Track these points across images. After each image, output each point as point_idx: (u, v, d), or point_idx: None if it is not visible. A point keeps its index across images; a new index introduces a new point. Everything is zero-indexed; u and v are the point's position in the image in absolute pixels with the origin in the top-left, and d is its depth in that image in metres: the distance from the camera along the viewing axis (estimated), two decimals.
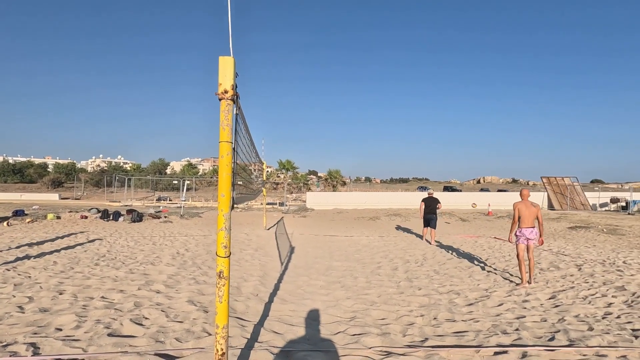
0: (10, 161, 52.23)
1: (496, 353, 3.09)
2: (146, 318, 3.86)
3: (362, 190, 46.32)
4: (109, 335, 3.33)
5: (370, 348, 3.11)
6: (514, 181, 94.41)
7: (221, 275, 2.14)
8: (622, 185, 54.11)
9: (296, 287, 5.33)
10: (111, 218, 14.39)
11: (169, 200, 27.16)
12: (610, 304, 4.62)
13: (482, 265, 7.18)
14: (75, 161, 67.15)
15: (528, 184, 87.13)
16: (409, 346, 3.22)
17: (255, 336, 3.31)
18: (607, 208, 25.77)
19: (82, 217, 14.47)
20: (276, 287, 5.25)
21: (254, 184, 7.33)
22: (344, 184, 38.81)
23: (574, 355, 3.06)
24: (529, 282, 5.54)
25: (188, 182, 20.07)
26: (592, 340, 3.38)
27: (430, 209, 10.09)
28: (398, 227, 14.98)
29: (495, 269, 6.78)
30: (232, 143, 2.18)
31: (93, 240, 9.57)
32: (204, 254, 7.91)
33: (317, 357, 2.92)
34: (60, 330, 3.51)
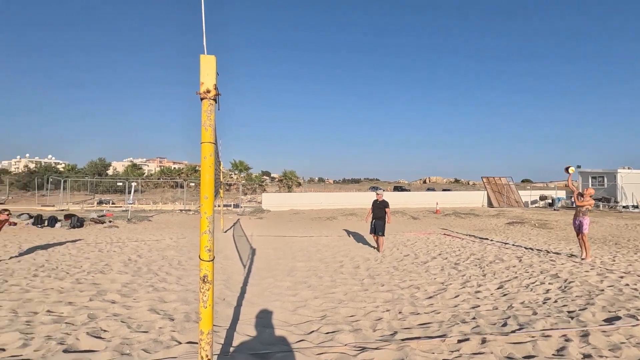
0: None
1: (459, 341, 3.33)
2: (105, 330, 3.59)
3: (317, 190, 46.73)
4: (65, 351, 3.06)
5: (345, 345, 3.20)
6: (457, 181, 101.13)
7: (205, 280, 2.09)
8: (547, 184, 60.50)
9: (262, 289, 5.27)
10: (46, 224, 13.04)
11: (112, 204, 25.24)
12: (548, 290, 5.18)
13: (436, 260, 7.64)
14: None
15: (469, 183, 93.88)
16: (381, 340, 3.35)
17: (229, 341, 3.24)
18: (537, 205, 28.65)
19: (10, 223, 12.93)
20: (242, 290, 5.16)
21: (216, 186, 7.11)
22: (299, 184, 38.88)
23: (524, 338, 3.39)
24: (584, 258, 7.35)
25: (135, 184, 18.82)
26: (537, 323, 3.78)
27: (376, 213, 8.76)
28: (355, 226, 15.38)
29: (447, 263, 7.25)
30: (214, 144, 2.13)
31: (30, 250, 8.64)
32: (159, 260, 7.50)
33: (295, 357, 2.93)
34: (4, 350, 3.15)
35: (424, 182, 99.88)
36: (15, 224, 13.02)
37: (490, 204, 27.74)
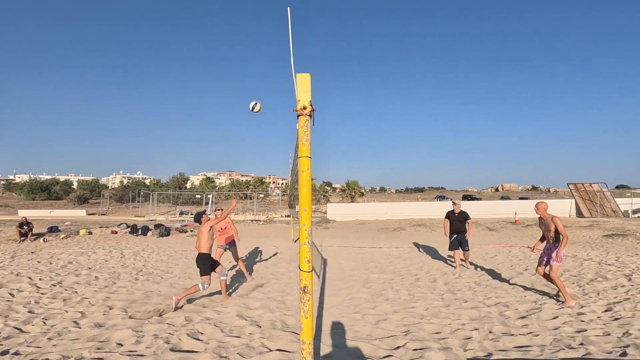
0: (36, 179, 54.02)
1: None
2: (201, 333, 3.89)
3: (380, 200, 45.96)
4: (172, 350, 3.37)
5: None
6: (534, 188, 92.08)
7: (305, 290, 2.16)
8: None
9: (340, 300, 5.29)
10: (140, 233, 14.69)
11: (192, 214, 27.58)
12: None
13: (522, 275, 6.97)
14: (97, 177, 69.07)
15: (549, 190, 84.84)
16: None
17: (316, 351, 3.28)
18: None
19: (112, 232, 14.83)
20: (320, 301, 5.22)
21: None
22: (362, 194, 38.65)
23: None
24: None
25: (211, 196, 20.37)
26: None
27: (457, 226, 7.97)
28: (425, 238, 14.77)
29: (537, 280, 6.57)
30: (311, 158, 2.22)
31: (130, 257, 9.76)
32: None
33: None
34: (122, 345, 3.57)
35: (496, 190, 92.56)
36: (116, 232, 14.89)
37: (579, 214, 24.66)
